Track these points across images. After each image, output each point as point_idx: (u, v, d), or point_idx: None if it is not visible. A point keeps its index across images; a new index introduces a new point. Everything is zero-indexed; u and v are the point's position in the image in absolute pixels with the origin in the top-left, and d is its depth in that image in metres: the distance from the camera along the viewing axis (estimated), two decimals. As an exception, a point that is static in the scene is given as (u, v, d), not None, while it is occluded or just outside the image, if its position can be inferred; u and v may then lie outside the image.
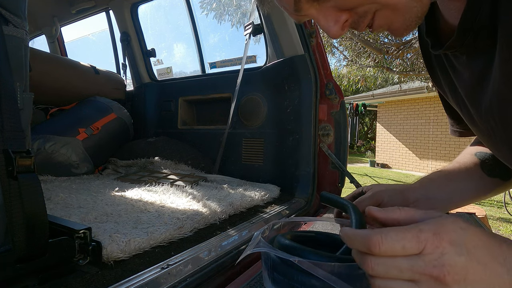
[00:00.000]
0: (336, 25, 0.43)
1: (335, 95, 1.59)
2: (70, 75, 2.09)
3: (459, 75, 0.52)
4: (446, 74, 0.56)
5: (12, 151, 0.51)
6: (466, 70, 0.49)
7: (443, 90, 0.62)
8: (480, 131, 0.54)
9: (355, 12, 0.42)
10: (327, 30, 0.44)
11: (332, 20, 0.43)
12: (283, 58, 1.68)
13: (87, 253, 0.66)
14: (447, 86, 0.58)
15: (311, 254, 0.45)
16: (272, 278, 0.49)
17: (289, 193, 1.56)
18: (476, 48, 0.45)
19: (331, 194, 0.62)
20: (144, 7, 2.38)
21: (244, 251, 0.50)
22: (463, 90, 0.52)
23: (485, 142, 0.58)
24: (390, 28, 0.45)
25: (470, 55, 0.47)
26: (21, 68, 0.63)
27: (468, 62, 0.48)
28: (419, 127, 8.84)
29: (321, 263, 0.41)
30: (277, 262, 0.47)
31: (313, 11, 0.44)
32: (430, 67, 0.62)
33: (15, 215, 0.51)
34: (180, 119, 2.18)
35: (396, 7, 0.41)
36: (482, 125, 0.51)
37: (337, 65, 11.42)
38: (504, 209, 4.31)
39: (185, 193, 1.29)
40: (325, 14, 0.43)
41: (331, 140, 1.59)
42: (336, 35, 0.44)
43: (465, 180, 0.65)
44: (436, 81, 0.63)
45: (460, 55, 0.49)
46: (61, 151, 1.66)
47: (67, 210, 0.99)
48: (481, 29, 0.42)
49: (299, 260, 0.42)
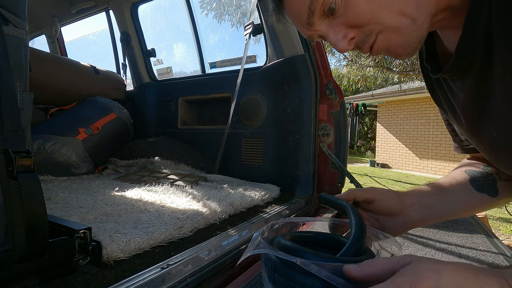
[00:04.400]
0: (344, 40, 0.49)
1: (335, 95, 1.59)
2: (70, 75, 2.09)
3: (456, 97, 0.57)
4: (445, 96, 0.61)
5: (12, 151, 0.51)
6: (461, 92, 0.54)
7: (444, 109, 0.67)
8: (482, 143, 0.58)
9: (362, 30, 0.48)
10: (336, 44, 0.50)
11: (341, 35, 0.49)
12: (283, 58, 1.68)
13: (87, 253, 0.66)
14: (447, 106, 0.63)
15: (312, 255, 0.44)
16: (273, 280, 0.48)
17: (289, 193, 1.56)
18: (470, 71, 0.50)
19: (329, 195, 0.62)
20: (144, 7, 2.38)
21: (244, 253, 0.49)
22: (461, 110, 0.57)
23: (486, 153, 0.61)
24: (388, 49, 0.49)
25: (465, 78, 0.52)
26: (21, 68, 0.63)
27: (463, 85, 0.53)
28: (419, 127, 8.83)
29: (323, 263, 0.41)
30: (277, 263, 0.47)
31: (323, 27, 0.50)
32: (431, 89, 0.68)
33: (15, 215, 0.51)
34: (180, 119, 2.18)
35: (398, 29, 0.47)
36: (484, 137, 0.55)
37: (337, 65, 11.43)
38: (504, 209, 4.31)
39: (185, 193, 1.29)
40: (334, 30, 0.49)
41: (331, 140, 1.59)
42: (343, 50, 0.50)
43: (455, 192, 0.68)
44: (437, 101, 0.68)
45: (457, 79, 0.54)
46: (61, 151, 1.66)
47: (67, 210, 0.99)
48: (476, 53, 0.47)
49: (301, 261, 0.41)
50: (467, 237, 0.97)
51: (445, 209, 0.67)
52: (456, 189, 0.68)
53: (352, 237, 0.48)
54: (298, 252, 0.45)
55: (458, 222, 1.14)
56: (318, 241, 0.57)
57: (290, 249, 0.47)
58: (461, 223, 1.14)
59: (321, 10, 0.48)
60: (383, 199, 0.63)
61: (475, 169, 0.70)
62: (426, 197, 0.66)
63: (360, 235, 0.49)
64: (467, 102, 0.54)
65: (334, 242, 0.55)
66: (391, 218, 0.64)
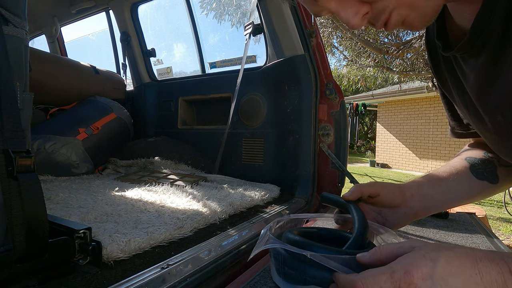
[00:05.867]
0: (356, 16, 0.44)
1: (335, 95, 1.59)
2: (70, 75, 2.08)
3: (467, 76, 0.54)
4: (455, 76, 0.58)
5: (12, 151, 0.51)
6: (473, 71, 0.51)
7: (450, 91, 0.64)
8: (486, 129, 0.56)
9: (375, 6, 0.44)
10: (348, 21, 0.45)
11: (352, 12, 0.44)
12: (283, 58, 1.68)
13: (87, 253, 0.66)
14: (455, 87, 0.60)
15: (321, 248, 0.47)
16: (283, 273, 0.51)
17: (289, 193, 1.56)
18: (485, 49, 0.47)
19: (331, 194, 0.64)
20: (144, 7, 2.38)
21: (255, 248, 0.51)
22: (471, 90, 0.54)
23: (489, 140, 0.60)
24: (404, 23, 0.46)
25: (477, 57, 0.49)
26: (21, 68, 0.63)
27: (475, 64, 0.50)
28: (419, 127, 8.83)
29: (332, 256, 0.43)
30: (287, 257, 0.49)
31: (332, 4, 0.45)
32: (437, 69, 0.65)
33: (15, 215, 0.51)
34: (180, 119, 2.18)
35: (413, 5, 0.43)
36: (489, 122, 0.53)
37: (337, 65, 11.42)
38: (504, 209, 4.31)
39: (185, 193, 1.29)
40: (345, 5, 0.44)
41: (331, 140, 1.59)
42: (356, 26, 0.45)
43: (455, 181, 0.67)
44: (442, 83, 0.65)
45: (469, 57, 0.51)
46: (61, 151, 1.66)
47: (67, 210, 0.99)
48: (494, 30, 0.43)
49: (312, 254, 0.43)
50: (467, 237, 0.97)
51: (446, 198, 0.67)
52: (456, 178, 0.68)
53: (356, 232, 0.51)
54: (307, 246, 0.47)
55: (458, 222, 1.14)
56: (321, 236, 0.60)
57: (300, 243, 0.49)
58: (461, 223, 1.14)
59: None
60: (386, 193, 0.63)
61: (475, 156, 0.69)
62: (426, 187, 0.67)
63: (363, 230, 0.52)
64: (478, 82, 0.51)
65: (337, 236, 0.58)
66: (393, 210, 0.65)
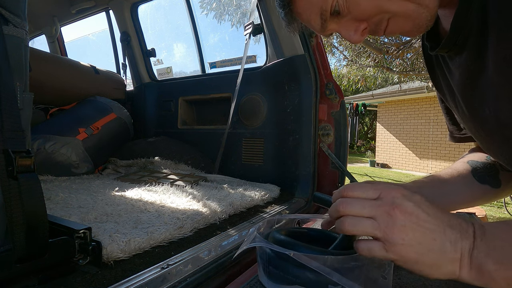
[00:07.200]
0: (357, 33, 0.52)
1: (335, 95, 1.59)
2: (70, 75, 2.08)
3: (453, 75, 0.57)
4: (444, 75, 0.61)
5: (12, 151, 0.51)
6: (458, 68, 0.54)
7: (443, 92, 0.65)
8: (476, 129, 0.57)
9: (372, 21, 0.50)
10: (349, 38, 0.53)
11: (352, 30, 0.52)
12: (283, 58, 1.68)
13: (87, 253, 0.66)
14: (446, 87, 0.62)
15: (305, 248, 0.47)
16: (268, 272, 0.51)
17: (289, 193, 1.56)
18: (466, 47, 0.50)
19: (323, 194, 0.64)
20: (144, 7, 2.38)
21: (241, 247, 0.51)
22: (457, 88, 0.57)
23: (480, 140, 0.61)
24: (402, 31, 0.51)
25: (461, 55, 0.52)
26: (21, 68, 0.63)
27: (460, 60, 0.53)
28: (419, 127, 8.83)
29: (315, 256, 0.43)
30: (272, 256, 0.49)
31: (334, 26, 0.53)
32: (431, 70, 0.67)
33: (15, 215, 0.51)
34: (180, 119, 2.18)
35: (407, 14, 0.48)
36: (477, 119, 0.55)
37: (337, 65, 11.44)
38: (504, 209, 4.31)
39: (185, 193, 1.29)
40: (345, 26, 0.52)
41: (331, 140, 1.59)
42: (357, 42, 0.53)
43: (457, 184, 0.67)
44: (436, 83, 0.67)
45: (454, 55, 0.54)
46: (61, 151, 1.66)
47: (67, 210, 0.99)
48: (472, 27, 0.48)
49: (295, 254, 0.43)
50: (467, 237, 0.97)
51: (447, 200, 0.66)
52: (458, 181, 0.67)
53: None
54: (291, 246, 0.48)
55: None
56: (311, 237, 0.60)
57: (284, 243, 0.49)
58: (461, 223, 1.14)
59: (330, 14, 0.51)
60: None
61: (478, 160, 0.69)
62: (426, 188, 0.66)
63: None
64: (463, 78, 0.54)
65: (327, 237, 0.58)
66: None
